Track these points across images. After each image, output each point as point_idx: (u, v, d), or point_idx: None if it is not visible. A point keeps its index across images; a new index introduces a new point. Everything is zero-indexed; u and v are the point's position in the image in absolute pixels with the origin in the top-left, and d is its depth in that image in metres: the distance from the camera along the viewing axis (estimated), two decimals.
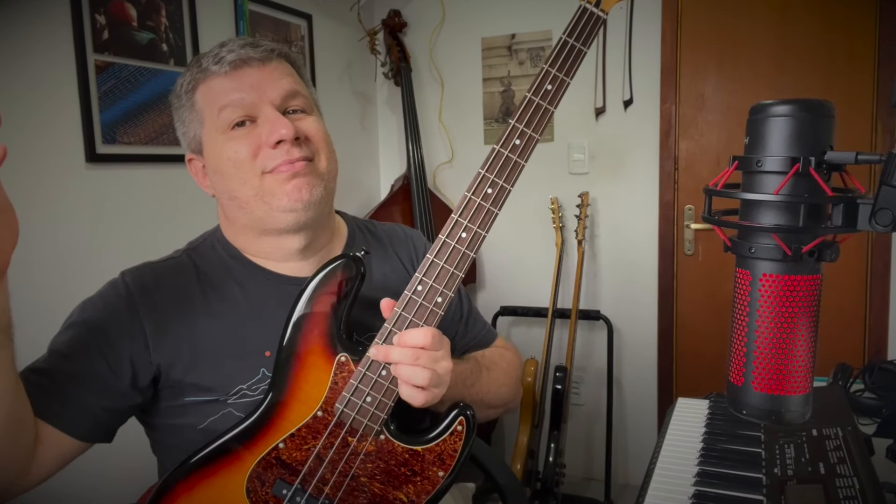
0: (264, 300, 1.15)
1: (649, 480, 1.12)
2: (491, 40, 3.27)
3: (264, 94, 1.10)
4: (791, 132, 0.69)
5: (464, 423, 1.06)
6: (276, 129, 1.07)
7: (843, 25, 2.75)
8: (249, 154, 1.08)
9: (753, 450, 1.19)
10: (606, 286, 3.24)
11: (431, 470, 1.06)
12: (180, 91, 1.15)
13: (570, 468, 3.15)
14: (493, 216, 1.03)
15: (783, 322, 0.71)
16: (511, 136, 1.02)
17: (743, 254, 0.73)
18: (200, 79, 1.12)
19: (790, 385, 0.72)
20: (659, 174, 3.07)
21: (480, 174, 1.02)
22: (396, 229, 1.40)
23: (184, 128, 1.16)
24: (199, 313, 1.13)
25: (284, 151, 1.08)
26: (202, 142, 1.14)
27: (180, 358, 1.10)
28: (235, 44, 1.12)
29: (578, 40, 1.03)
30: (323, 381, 1.05)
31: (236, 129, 1.10)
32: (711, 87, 2.98)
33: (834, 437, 1.15)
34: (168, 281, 1.14)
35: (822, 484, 1.02)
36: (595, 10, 1.03)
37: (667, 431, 1.32)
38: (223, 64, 1.09)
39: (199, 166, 1.18)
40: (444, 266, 1.03)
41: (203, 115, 1.12)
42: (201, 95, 1.12)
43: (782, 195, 0.69)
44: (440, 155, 3.45)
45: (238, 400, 1.11)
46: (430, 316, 1.03)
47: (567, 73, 1.02)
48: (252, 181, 1.09)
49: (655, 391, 3.21)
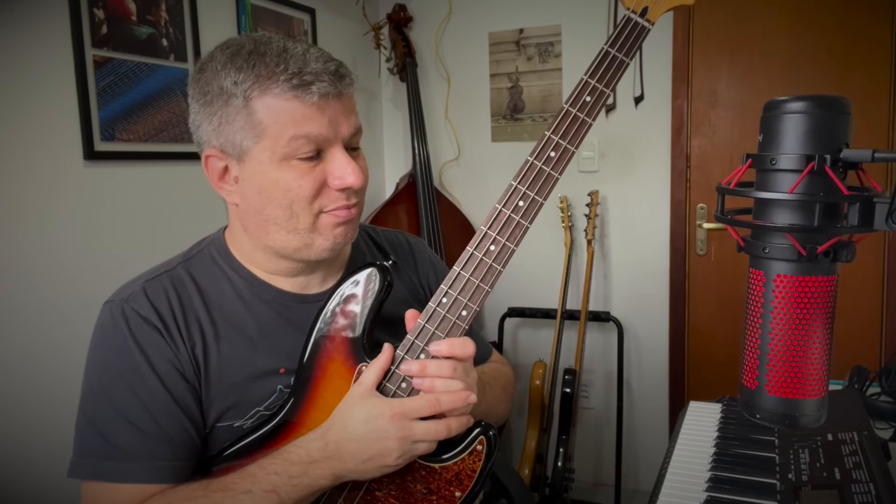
0: (271, 318, 1.14)
1: (660, 486, 1.12)
2: (498, 35, 3.27)
3: (338, 131, 1.05)
4: (806, 129, 0.69)
5: (484, 442, 1.05)
6: (347, 176, 1.05)
7: (859, 20, 2.74)
8: (313, 191, 1.04)
9: (767, 455, 1.19)
10: (617, 287, 3.24)
11: (448, 489, 1.06)
12: (231, 87, 1.02)
13: (579, 473, 3.15)
14: (523, 229, 1.03)
15: (798, 324, 0.71)
16: (546, 148, 1.02)
17: (757, 254, 0.73)
18: (269, 89, 1.01)
19: (805, 388, 0.72)
20: (670, 172, 3.06)
21: (513, 186, 1.02)
22: (399, 238, 1.40)
23: (216, 124, 1.05)
24: (209, 338, 1.10)
25: (346, 196, 1.07)
26: (247, 153, 1.04)
27: (199, 386, 1.09)
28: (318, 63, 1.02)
29: (621, 51, 1.01)
30: (343, 391, 1.05)
31: (302, 161, 1.03)
32: (724, 84, 2.97)
33: (849, 442, 1.15)
34: (174, 302, 1.10)
35: (838, 490, 1.01)
36: (641, 21, 1.01)
37: (678, 436, 1.32)
38: (310, 91, 1.00)
39: (221, 167, 1.09)
40: (470, 279, 1.03)
41: (264, 131, 1.02)
42: (267, 109, 1.01)
43: (797, 194, 0.69)
44: (446, 152, 3.46)
45: (255, 422, 1.10)
46: (453, 329, 1.03)
47: (607, 85, 1.01)
48: (306, 217, 1.06)
49: (667, 394, 3.21)
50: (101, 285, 1.26)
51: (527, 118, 3.25)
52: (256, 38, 1.05)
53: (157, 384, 1.04)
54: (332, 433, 1.02)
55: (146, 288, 1.10)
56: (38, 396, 1.86)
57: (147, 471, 1.02)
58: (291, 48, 1.03)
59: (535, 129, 3.24)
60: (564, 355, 3.16)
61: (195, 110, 1.08)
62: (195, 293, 1.12)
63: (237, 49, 1.03)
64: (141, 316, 1.06)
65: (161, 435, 1.03)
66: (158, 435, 1.03)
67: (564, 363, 3.08)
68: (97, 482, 1.03)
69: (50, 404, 1.87)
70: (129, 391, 1.04)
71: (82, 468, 1.04)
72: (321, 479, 1.01)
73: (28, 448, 1.84)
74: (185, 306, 1.09)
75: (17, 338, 1.83)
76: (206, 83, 1.05)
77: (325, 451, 1.01)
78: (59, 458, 1.75)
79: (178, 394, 1.05)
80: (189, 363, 1.07)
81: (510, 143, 3.31)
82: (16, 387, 1.82)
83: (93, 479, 1.03)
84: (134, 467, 1.02)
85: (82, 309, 1.94)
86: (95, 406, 1.05)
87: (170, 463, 1.04)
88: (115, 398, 1.04)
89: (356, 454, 1.00)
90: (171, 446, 1.04)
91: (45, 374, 1.88)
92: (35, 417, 1.86)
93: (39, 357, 1.87)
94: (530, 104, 3.24)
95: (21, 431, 1.83)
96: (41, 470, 1.83)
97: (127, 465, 1.02)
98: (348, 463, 1.00)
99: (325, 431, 1.02)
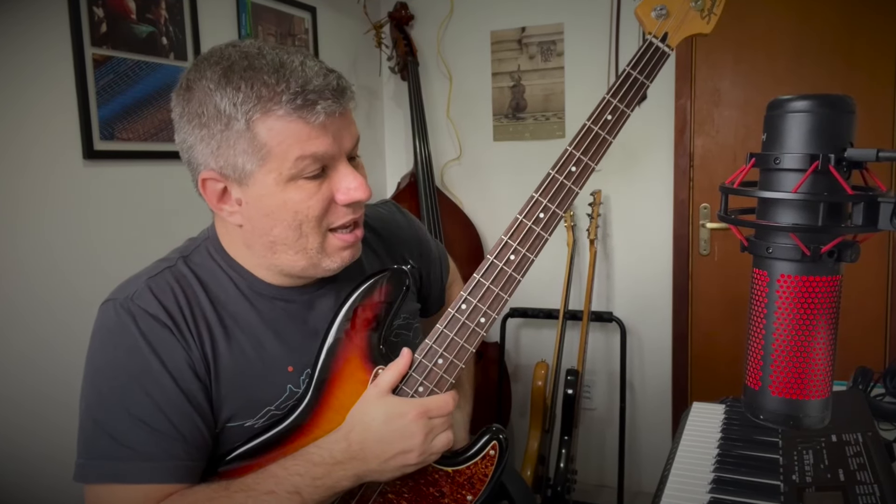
0: (275, 314, 1.14)
1: (663, 487, 1.13)
2: (501, 34, 3.27)
3: (342, 146, 1.04)
4: (810, 128, 0.69)
5: (496, 447, 1.07)
6: (354, 191, 1.04)
7: (864, 18, 2.74)
8: (321, 210, 1.04)
9: (771, 456, 1.19)
10: (619, 287, 3.24)
11: (460, 493, 1.07)
12: (231, 110, 0.98)
13: (581, 475, 3.15)
14: (543, 241, 1.07)
15: (802, 324, 0.71)
16: (567, 163, 1.06)
17: (760, 254, 0.73)
18: (272, 111, 0.98)
19: (809, 389, 0.72)
20: (674, 172, 3.06)
21: (534, 198, 1.06)
22: (396, 217, 1.42)
23: (214, 147, 1.01)
24: (217, 336, 1.09)
25: (353, 210, 1.07)
26: (251, 176, 1.01)
27: (210, 384, 1.09)
28: (319, 79, 1.00)
29: (642, 74, 1.07)
30: (358, 393, 1.07)
31: (309, 181, 1.02)
32: (728, 82, 2.97)
33: (854, 443, 1.15)
34: (181, 299, 1.09)
35: (842, 491, 1.01)
36: (661, 46, 1.07)
37: (681, 437, 1.32)
38: (315, 112, 0.98)
39: (220, 189, 1.05)
40: (489, 286, 1.06)
41: (269, 153, 0.99)
42: (269, 131, 0.98)
43: (801, 193, 0.69)
44: (448, 152, 3.46)
45: (266, 422, 1.10)
46: (471, 336, 1.06)
47: (628, 105, 1.07)
48: (315, 237, 1.05)
49: (670, 395, 3.21)
50: (99, 286, 1.26)
51: (529, 117, 3.25)
52: (246, 50, 1.01)
53: (171, 384, 1.04)
54: (354, 434, 1.03)
55: (151, 285, 1.08)
56: (38, 396, 1.86)
57: (163, 470, 1.02)
58: (288, 61, 0.99)
59: (538, 128, 3.24)
60: (567, 356, 3.16)
61: (185, 131, 1.03)
62: (200, 289, 1.11)
63: (229, 66, 0.99)
64: (149, 314, 1.05)
65: (176, 435, 1.03)
66: (173, 435, 1.03)
67: (567, 364, 3.08)
68: (109, 484, 1.02)
69: (49, 404, 1.87)
70: (141, 392, 1.03)
71: (91, 471, 1.03)
72: (343, 481, 1.02)
73: (24, 450, 1.84)
74: (192, 303, 1.09)
75: (15, 338, 1.83)
76: (198, 104, 1.00)
77: (348, 452, 1.02)
78: (54, 460, 1.77)
79: (192, 393, 1.05)
80: (201, 361, 1.06)
81: (512, 143, 3.31)
82: (15, 387, 1.82)
83: (105, 481, 1.02)
84: (150, 467, 1.02)
85: (81, 309, 1.93)
86: (104, 407, 1.04)
87: (185, 463, 1.04)
88: (126, 399, 1.03)
89: (380, 454, 1.02)
90: (186, 446, 1.04)
91: (44, 374, 1.88)
92: (34, 418, 1.86)
93: (37, 357, 1.87)
94: (532, 103, 3.24)
95: (18, 433, 1.83)
96: (37, 472, 1.83)
97: (142, 466, 1.01)
98: (371, 463, 1.02)
99: (348, 432, 1.04)
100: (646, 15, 1.07)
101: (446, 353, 1.06)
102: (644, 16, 1.07)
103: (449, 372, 1.07)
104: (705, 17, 1.07)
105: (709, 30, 1.08)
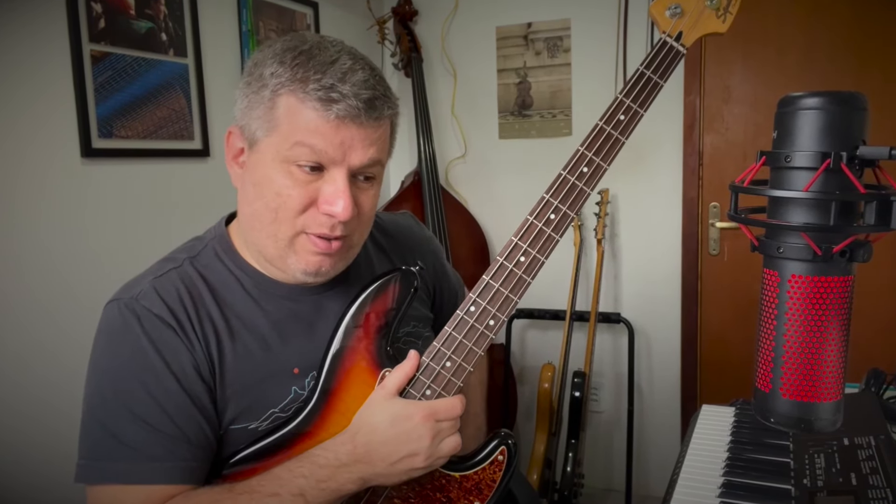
0: (281, 315, 1.15)
1: (672, 492, 1.12)
2: (506, 29, 3.27)
3: (347, 156, 1.03)
4: (822, 126, 0.69)
5: (505, 452, 1.07)
6: (334, 204, 1.03)
7: (876, 14, 2.73)
8: (301, 204, 1.04)
9: (781, 460, 1.19)
10: (627, 287, 3.24)
11: (468, 499, 1.08)
12: (268, 77, 1.03)
13: (588, 478, 3.15)
14: (553, 242, 1.07)
15: (813, 325, 0.71)
16: (579, 163, 1.05)
17: (771, 254, 0.73)
18: (297, 91, 1.01)
19: (820, 392, 0.72)
20: (682, 170, 3.06)
21: (545, 199, 1.06)
22: (412, 226, 1.41)
23: (245, 104, 1.07)
24: (223, 337, 1.10)
25: (329, 225, 1.05)
26: (257, 143, 1.06)
27: (214, 385, 1.09)
28: (355, 86, 1.01)
29: (656, 73, 1.07)
30: (364, 396, 1.07)
31: (300, 170, 1.03)
32: (738, 79, 2.96)
33: (866, 447, 1.15)
34: (186, 300, 1.09)
35: (854, 495, 1.01)
36: (675, 45, 1.07)
37: (690, 440, 1.32)
38: (330, 109, 1.00)
39: (238, 147, 1.11)
40: (499, 289, 1.06)
41: (276, 126, 1.03)
42: (287, 107, 1.02)
43: (812, 192, 0.69)
44: (453, 150, 3.46)
45: (270, 425, 1.11)
46: (479, 338, 1.06)
47: (642, 105, 1.06)
48: (287, 229, 1.06)
49: (678, 398, 3.20)
50: (98, 285, 1.27)
51: (535, 114, 3.25)
52: (320, 41, 1.06)
53: (175, 385, 1.04)
54: (360, 436, 1.03)
55: (156, 285, 1.09)
56: (34, 397, 1.87)
57: (167, 471, 1.03)
58: (341, 62, 1.02)
59: (544, 125, 3.24)
60: (574, 358, 3.15)
61: (240, 85, 1.10)
62: (206, 291, 1.11)
63: (296, 45, 1.05)
64: (154, 314, 1.06)
65: (180, 436, 1.04)
66: (177, 436, 1.03)
67: (574, 366, 3.08)
68: (111, 485, 1.03)
69: (46, 405, 1.88)
70: (145, 392, 1.03)
71: (93, 472, 1.03)
72: (348, 484, 1.02)
73: (22, 451, 1.84)
74: (198, 304, 1.09)
75: (12, 338, 1.83)
76: (255, 64, 1.07)
77: (353, 455, 1.02)
78: (52, 461, 1.77)
79: (196, 394, 1.05)
80: (205, 362, 1.07)
81: (518, 140, 3.31)
82: (12, 387, 1.83)
83: (107, 482, 1.03)
84: (154, 468, 1.02)
85: (79, 308, 1.94)
86: (107, 408, 1.04)
87: (188, 464, 1.04)
88: (130, 400, 1.03)
89: (386, 457, 1.02)
90: (190, 447, 1.04)
91: (41, 374, 1.88)
92: (32, 417, 1.86)
93: (35, 357, 1.88)
94: (539, 100, 3.24)
95: (17, 433, 1.83)
96: (33, 473, 1.84)
97: (146, 467, 1.02)
98: (377, 466, 1.02)
99: (354, 435, 1.04)
100: (660, 14, 1.07)
101: (454, 356, 1.06)
102: (658, 14, 1.07)
103: (457, 375, 1.07)
104: (721, 17, 1.07)
105: (724, 29, 1.08)
